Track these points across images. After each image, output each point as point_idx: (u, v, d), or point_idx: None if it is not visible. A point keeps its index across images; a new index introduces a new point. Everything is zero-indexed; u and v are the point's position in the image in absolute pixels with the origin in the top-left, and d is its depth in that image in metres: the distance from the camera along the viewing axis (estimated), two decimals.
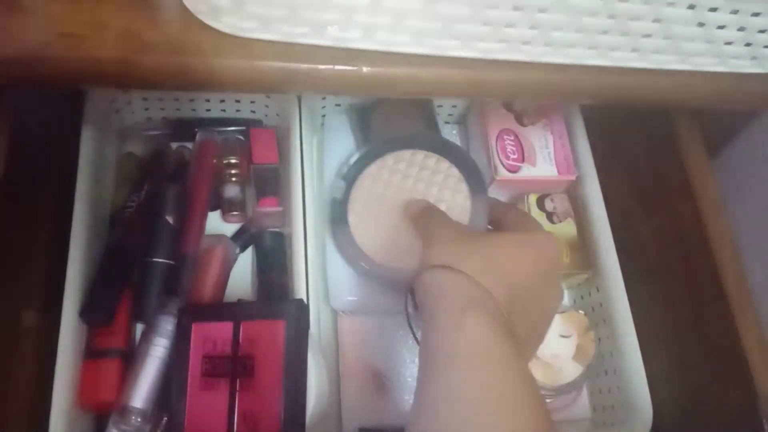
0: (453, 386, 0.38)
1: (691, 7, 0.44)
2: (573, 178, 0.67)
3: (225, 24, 0.42)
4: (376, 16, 0.42)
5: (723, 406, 0.56)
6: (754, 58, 0.50)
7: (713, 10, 0.44)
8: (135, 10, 0.44)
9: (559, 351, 0.63)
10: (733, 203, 0.65)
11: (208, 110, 0.72)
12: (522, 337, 0.43)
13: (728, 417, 0.56)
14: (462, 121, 0.77)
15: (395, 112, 0.67)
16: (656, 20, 0.44)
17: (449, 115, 0.76)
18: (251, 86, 0.45)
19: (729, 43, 0.48)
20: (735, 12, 0.45)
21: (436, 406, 0.38)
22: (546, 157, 0.67)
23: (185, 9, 0.43)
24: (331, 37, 0.43)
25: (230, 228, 0.69)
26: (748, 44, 0.48)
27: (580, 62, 0.47)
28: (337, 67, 0.44)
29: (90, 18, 0.43)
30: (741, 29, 0.47)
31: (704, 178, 0.58)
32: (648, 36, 0.46)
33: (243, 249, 0.68)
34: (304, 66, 0.44)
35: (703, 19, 0.45)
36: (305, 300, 0.56)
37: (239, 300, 0.64)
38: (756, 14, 0.45)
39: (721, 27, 0.46)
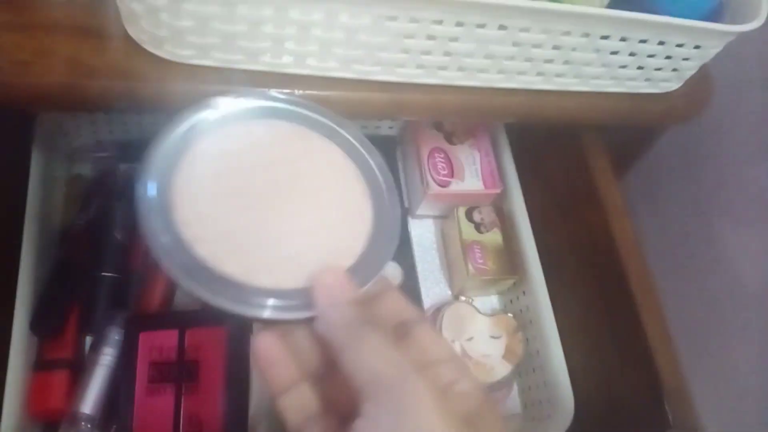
0: None
1: (585, 35, 0.49)
2: (498, 191, 0.72)
3: (166, 51, 0.46)
4: (306, 44, 0.46)
5: (633, 396, 0.61)
6: (647, 79, 0.56)
7: (605, 37, 0.50)
8: (82, 39, 0.47)
9: (489, 351, 0.67)
10: (644, 213, 0.71)
11: (156, 131, 0.75)
12: None
13: (638, 405, 0.61)
14: (399, 142, 0.82)
15: None
16: (556, 47, 0.50)
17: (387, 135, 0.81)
18: None
19: (623, 67, 0.54)
20: (624, 39, 0.51)
21: None
22: (473, 173, 0.72)
23: (129, 38, 0.47)
24: (265, 63, 0.48)
25: None
26: (640, 67, 0.54)
27: (491, 85, 0.52)
28: (272, 91, 0.48)
29: (39, 46, 0.46)
30: (632, 54, 0.52)
31: (609, 189, 0.64)
32: (550, 61, 0.51)
33: None
34: (242, 89, 0.48)
35: (597, 45, 0.50)
36: None
37: (183, 310, 0.66)
38: (643, 41, 0.51)
39: (614, 52, 0.52)
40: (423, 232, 0.77)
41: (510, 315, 0.70)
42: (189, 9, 0.42)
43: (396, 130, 0.81)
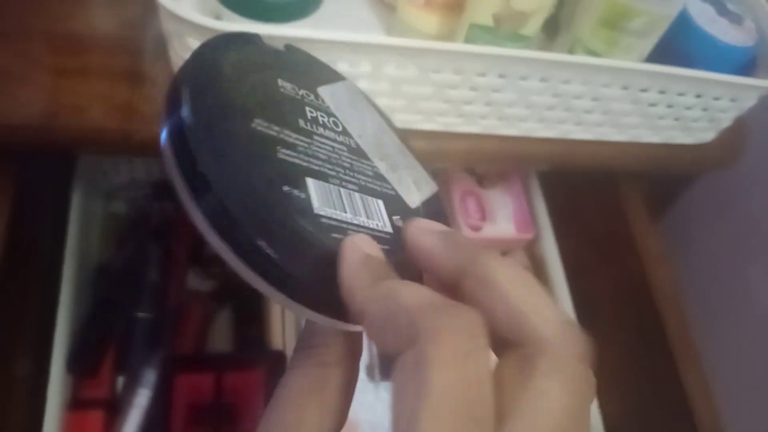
0: None
1: (625, 88, 0.50)
2: (530, 236, 0.72)
3: None
4: None
5: None
6: (683, 130, 0.57)
7: (644, 90, 0.51)
8: (136, 86, 0.49)
9: None
10: (678, 258, 0.71)
11: None
12: None
13: None
14: None
15: None
16: (595, 99, 0.51)
17: None
18: None
19: (661, 118, 0.54)
20: (662, 92, 0.51)
21: None
22: (505, 217, 0.72)
23: None
24: None
25: (209, 284, 0.73)
26: (677, 119, 0.55)
27: (531, 134, 0.53)
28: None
29: (94, 91, 0.48)
30: (669, 106, 0.53)
31: (646, 236, 0.64)
32: (589, 112, 0.52)
33: (221, 305, 0.72)
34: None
35: (636, 97, 0.51)
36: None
37: (220, 352, 0.67)
38: (681, 94, 0.52)
39: (652, 104, 0.53)
40: None
41: None
42: None
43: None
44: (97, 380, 0.60)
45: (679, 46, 0.52)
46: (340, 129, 0.31)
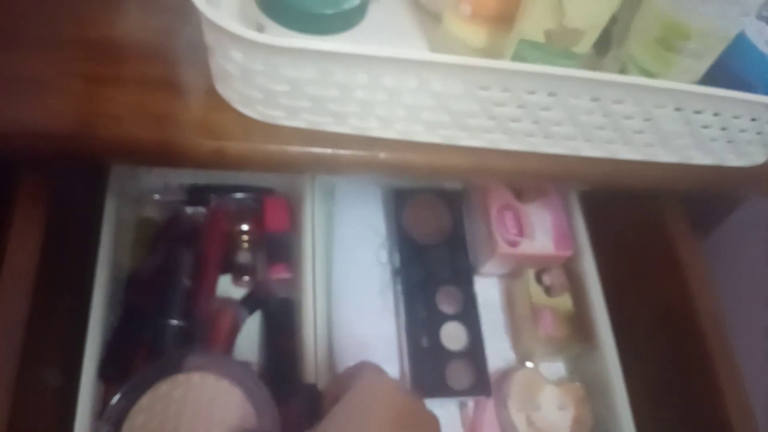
0: None
1: (678, 109, 0.48)
2: (570, 253, 0.70)
3: (256, 112, 0.47)
4: (394, 109, 0.46)
5: None
6: (736, 152, 0.55)
7: (698, 112, 0.49)
8: (173, 94, 0.48)
9: (557, 422, 0.65)
10: (722, 281, 0.68)
11: (223, 177, 0.76)
12: None
13: None
14: (464, 196, 0.81)
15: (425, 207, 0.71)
16: (647, 119, 0.49)
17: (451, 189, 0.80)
18: (278, 167, 0.49)
19: (713, 140, 0.52)
20: (717, 114, 0.49)
21: None
22: (544, 233, 0.71)
23: (218, 96, 0.48)
24: (352, 126, 0.48)
25: (240, 291, 0.72)
26: (730, 141, 0.53)
27: (577, 153, 0.51)
28: (357, 152, 0.48)
29: (131, 101, 0.47)
30: (723, 128, 0.51)
31: (691, 256, 0.62)
32: (639, 132, 0.50)
33: (251, 312, 0.71)
34: (328, 151, 0.48)
35: (689, 119, 0.49)
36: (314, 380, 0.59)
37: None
38: (736, 117, 0.50)
39: (705, 126, 0.51)
40: (488, 290, 0.75)
41: (578, 384, 0.68)
42: (286, 74, 0.42)
43: (461, 184, 0.80)
44: None
45: (735, 66, 0.50)
46: None
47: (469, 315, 0.69)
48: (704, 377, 0.59)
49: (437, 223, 0.73)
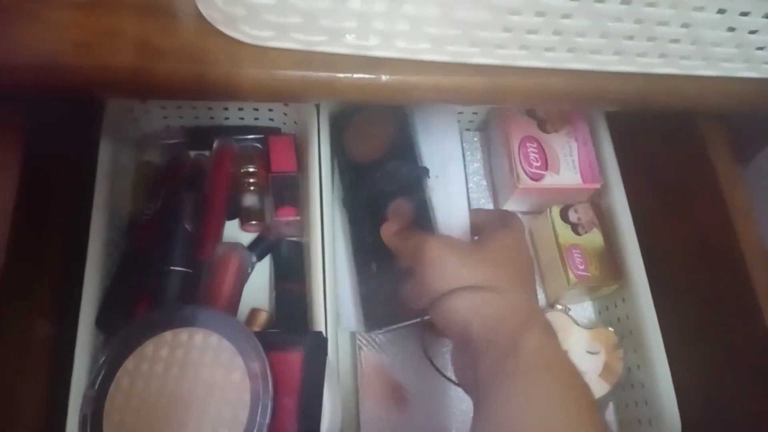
0: (518, 405, 0.40)
1: (722, 11, 0.42)
2: (598, 186, 0.65)
3: (241, 32, 0.42)
4: (395, 23, 0.41)
5: (750, 420, 0.54)
6: None
7: (745, 14, 0.43)
8: (150, 17, 0.43)
9: (586, 368, 0.61)
10: (764, 214, 0.63)
11: (227, 118, 0.71)
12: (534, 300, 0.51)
13: (756, 427, 0.54)
14: (483, 128, 0.75)
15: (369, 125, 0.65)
16: (684, 25, 0.43)
17: (470, 122, 0.75)
18: (269, 95, 0.44)
19: (760, 48, 0.46)
20: (767, 16, 0.43)
21: (507, 422, 0.40)
22: (570, 165, 0.65)
23: (201, 17, 0.43)
24: (349, 45, 0.43)
25: (248, 237, 0.68)
26: None
27: (605, 68, 0.46)
28: (356, 75, 0.43)
29: (103, 26, 0.42)
30: None
31: (733, 184, 0.56)
32: (676, 41, 0.44)
33: (260, 258, 0.67)
34: (323, 74, 0.43)
35: (734, 23, 0.43)
36: (323, 324, 0.55)
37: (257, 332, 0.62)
38: None
39: (752, 32, 0.44)
40: None
41: (611, 329, 0.63)
42: None
43: (481, 115, 0.74)
44: None
45: None
46: None
47: (423, 220, 0.59)
48: (748, 320, 0.54)
49: (381, 140, 0.65)
